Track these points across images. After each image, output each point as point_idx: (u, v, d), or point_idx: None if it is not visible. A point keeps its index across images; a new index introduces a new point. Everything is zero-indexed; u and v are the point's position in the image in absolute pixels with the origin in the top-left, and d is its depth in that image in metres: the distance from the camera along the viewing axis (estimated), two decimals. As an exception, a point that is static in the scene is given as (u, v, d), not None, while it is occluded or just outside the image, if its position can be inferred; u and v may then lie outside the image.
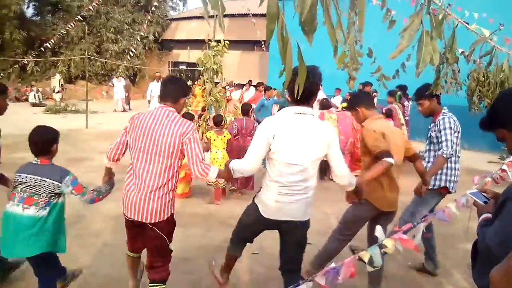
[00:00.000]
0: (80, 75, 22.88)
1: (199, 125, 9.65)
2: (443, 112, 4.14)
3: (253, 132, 7.12)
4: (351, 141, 8.34)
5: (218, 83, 12.99)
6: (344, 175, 3.12)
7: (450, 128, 3.97)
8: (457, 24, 2.37)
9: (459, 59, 2.57)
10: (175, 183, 3.15)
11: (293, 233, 3.12)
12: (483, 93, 3.72)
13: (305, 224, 3.12)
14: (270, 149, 2.84)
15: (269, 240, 5.17)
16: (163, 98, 3.18)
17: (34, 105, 18.54)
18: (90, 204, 3.48)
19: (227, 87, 15.90)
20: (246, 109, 7.47)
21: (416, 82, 3.72)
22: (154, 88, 15.09)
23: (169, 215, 3.14)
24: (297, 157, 2.84)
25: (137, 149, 3.11)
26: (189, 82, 11.27)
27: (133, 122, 3.17)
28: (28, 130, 3.32)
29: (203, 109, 10.07)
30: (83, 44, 23.13)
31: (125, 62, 17.80)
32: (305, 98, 2.80)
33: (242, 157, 2.99)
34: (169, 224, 3.21)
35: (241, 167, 2.97)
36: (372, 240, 3.35)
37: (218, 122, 7.05)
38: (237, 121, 7.37)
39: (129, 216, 3.19)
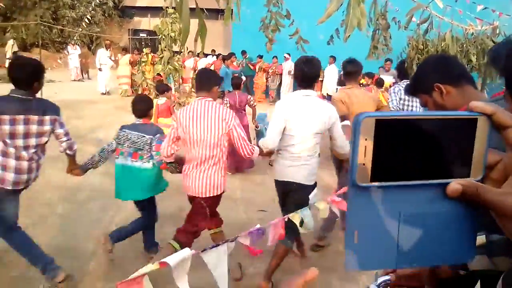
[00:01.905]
0: (36, 43, 21.81)
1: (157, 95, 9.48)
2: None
3: (249, 102, 7.01)
4: None
5: (177, 52, 12.73)
6: (343, 145, 3.52)
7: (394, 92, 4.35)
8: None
9: (390, 26, 2.60)
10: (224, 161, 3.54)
11: (293, 193, 3.44)
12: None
13: (305, 188, 3.37)
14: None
15: (223, 210, 5.24)
16: (198, 89, 3.48)
17: (-15, 73, 17.60)
18: (157, 165, 3.84)
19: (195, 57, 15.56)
20: (237, 83, 7.11)
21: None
22: (102, 55, 14.50)
23: (222, 190, 3.56)
24: (303, 130, 3.35)
25: (191, 139, 3.38)
26: (146, 51, 11.01)
27: (179, 118, 3.40)
28: None
29: (156, 77, 10.03)
30: (37, 9, 21.93)
31: (81, 29, 17.04)
32: (310, 83, 3.40)
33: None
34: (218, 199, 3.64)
35: (267, 143, 3.42)
36: None
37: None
38: (228, 95, 7.07)
39: (196, 194, 3.50)
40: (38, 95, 3.46)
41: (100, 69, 14.48)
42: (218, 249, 1.66)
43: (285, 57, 14.62)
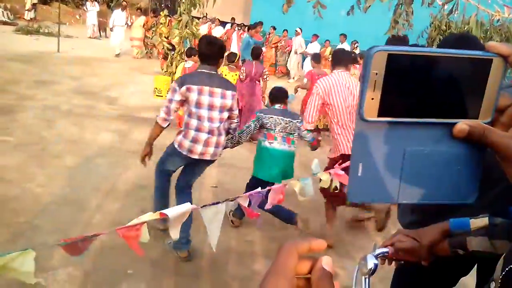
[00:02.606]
0: (56, -4, 21.68)
1: (172, 58, 9.44)
2: None
3: (263, 76, 7.04)
4: None
5: (196, 17, 12.57)
6: None
7: None
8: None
9: (413, 1, 2.54)
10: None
11: None
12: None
13: None
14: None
15: (228, 177, 5.30)
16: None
17: (3, 23, 17.63)
18: (311, 141, 4.10)
19: (208, 23, 15.38)
20: (257, 53, 7.14)
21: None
22: (117, 17, 14.32)
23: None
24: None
25: (337, 107, 3.69)
26: (165, 13, 10.88)
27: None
28: None
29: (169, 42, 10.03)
30: (59, -38, 21.69)
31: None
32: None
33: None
34: None
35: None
36: None
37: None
38: (246, 65, 7.15)
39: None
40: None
41: (111, 29, 14.34)
42: (217, 206, 1.71)
43: (296, 31, 14.29)
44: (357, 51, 11.67)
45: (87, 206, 4.06)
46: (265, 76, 7.15)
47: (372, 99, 0.43)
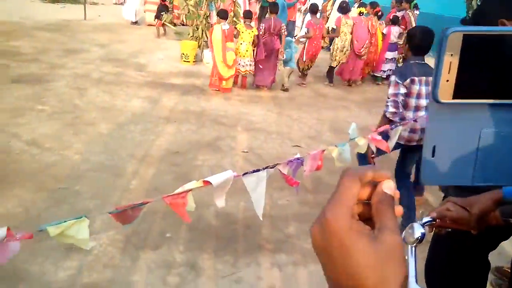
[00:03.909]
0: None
1: (197, 25, 9.33)
2: None
3: (281, 31, 7.36)
4: (367, 44, 8.23)
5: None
6: None
7: None
8: None
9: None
10: None
11: None
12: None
13: None
14: None
15: (259, 142, 5.32)
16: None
17: (30, -8, 17.72)
18: None
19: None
20: (274, 8, 7.53)
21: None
22: None
23: None
24: None
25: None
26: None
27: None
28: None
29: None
30: None
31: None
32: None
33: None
34: None
35: None
36: None
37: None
38: (264, 21, 7.51)
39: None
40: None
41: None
42: (258, 174, 1.72)
43: None
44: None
45: (123, 172, 4.17)
46: (283, 30, 7.46)
47: (447, 81, 0.42)
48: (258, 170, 1.72)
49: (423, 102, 3.37)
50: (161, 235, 3.21)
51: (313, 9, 8.29)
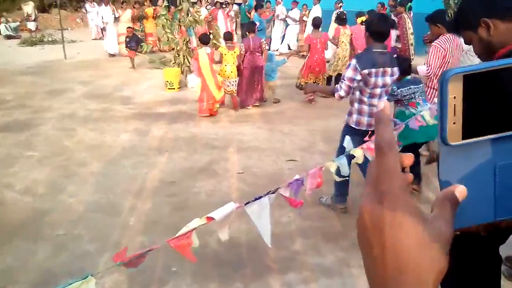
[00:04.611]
0: (53, 3, 21.64)
1: (178, 51, 9.36)
2: None
3: (262, 47, 7.45)
4: None
5: (195, 2, 12.41)
6: None
7: None
8: None
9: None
10: None
11: None
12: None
13: None
14: None
15: (253, 161, 5.28)
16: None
17: (8, 37, 17.75)
18: None
19: (207, 7, 15.20)
20: (251, 28, 7.72)
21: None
22: (105, 13, 13.75)
23: None
24: None
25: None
26: (165, 3, 10.73)
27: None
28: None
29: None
30: (51, -31, 21.61)
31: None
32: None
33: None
34: None
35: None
36: None
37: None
38: (243, 41, 7.62)
39: None
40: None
41: (103, 29, 13.90)
42: (260, 201, 1.68)
43: (276, 1, 14.25)
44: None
45: (120, 209, 4.10)
46: (263, 46, 7.56)
47: (454, 123, 0.42)
48: (260, 198, 1.68)
49: (378, 90, 3.51)
50: (166, 270, 3.15)
51: (316, 23, 8.06)
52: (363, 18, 8.66)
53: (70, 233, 3.69)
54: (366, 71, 3.40)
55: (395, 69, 3.61)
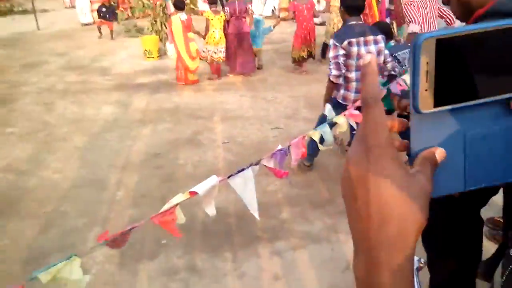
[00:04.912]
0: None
1: (155, 18, 9.11)
2: None
3: (248, 11, 7.28)
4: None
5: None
6: None
7: None
8: None
9: None
10: None
11: None
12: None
13: None
14: None
15: (237, 130, 5.28)
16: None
17: (-25, 8, 16.97)
18: None
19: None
20: None
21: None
22: None
23: None
24: None
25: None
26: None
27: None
28: None
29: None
30: None
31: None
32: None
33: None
34: None
35: None
36: None
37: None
38: (228, 5, 7.29)
39: None
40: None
41: None
42: (243, 173, 1.69)
43: None
44: None
45: (107, 183, 4.09)
46: (249, 11, 7.41)
47: (426, 90, 0.41)
48: (242, 170, 1.69)
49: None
50: (156, 242, 3.18)
51: None
52: None
53: (57, 209, 3.68)
54: (345, 42, 3.42)
55: (379, 37, 3.59)
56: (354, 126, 2.59)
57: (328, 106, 2.38)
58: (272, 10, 13.58)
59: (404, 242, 0.39)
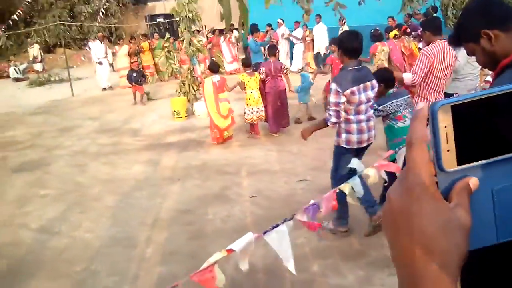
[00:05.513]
0: (58, 43, 22.18)
1: (183, 80, 9.49)
2: None
3: (283, 70, 7.34)
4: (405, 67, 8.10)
5: (199, 31, 12.65)
6: None
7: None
8: None
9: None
10: None
11: None
12: (457, 7, 3.63)
13: None
14: None
15: (264, 183, 5.29)
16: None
17: (17, 80, 18.10)
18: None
19: (208, 34, 15.51)
20: (272, 51, 7.69)
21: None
22: (98, 49, 14.08)
23: None
24: None
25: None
26: (167, 36, 10.96)
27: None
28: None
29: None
30: (54, 10, 22.22)
31: (98, 23, 17.13)
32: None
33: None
34: None
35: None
36: None
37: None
38: (264, 64, 7.46)
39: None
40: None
41: (100, 63, 14.03)
42: (278, 229, 1.68)
43: (278, 22, 14.42)
44: (345, 27, 11.52)
45: (137, 241, 4.11)
46: (285, 71, 7.43)
47: (448, 150, 0.44)
48: (277, 226, 1.68)
49: (363, 106, 3.58)
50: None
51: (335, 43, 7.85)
52: (396, 32, 8.56)
53: (88, 268, 3.70)
54: (348, 91, 3.43)
55: (374, 81, 3.64)
56: (385, 177, 2.56)
57: (356, 160, 2.38)
58: (301, 65, 14.01)
59: (447, 275, 0.41)
